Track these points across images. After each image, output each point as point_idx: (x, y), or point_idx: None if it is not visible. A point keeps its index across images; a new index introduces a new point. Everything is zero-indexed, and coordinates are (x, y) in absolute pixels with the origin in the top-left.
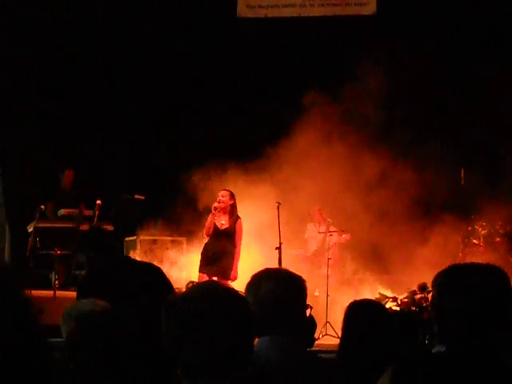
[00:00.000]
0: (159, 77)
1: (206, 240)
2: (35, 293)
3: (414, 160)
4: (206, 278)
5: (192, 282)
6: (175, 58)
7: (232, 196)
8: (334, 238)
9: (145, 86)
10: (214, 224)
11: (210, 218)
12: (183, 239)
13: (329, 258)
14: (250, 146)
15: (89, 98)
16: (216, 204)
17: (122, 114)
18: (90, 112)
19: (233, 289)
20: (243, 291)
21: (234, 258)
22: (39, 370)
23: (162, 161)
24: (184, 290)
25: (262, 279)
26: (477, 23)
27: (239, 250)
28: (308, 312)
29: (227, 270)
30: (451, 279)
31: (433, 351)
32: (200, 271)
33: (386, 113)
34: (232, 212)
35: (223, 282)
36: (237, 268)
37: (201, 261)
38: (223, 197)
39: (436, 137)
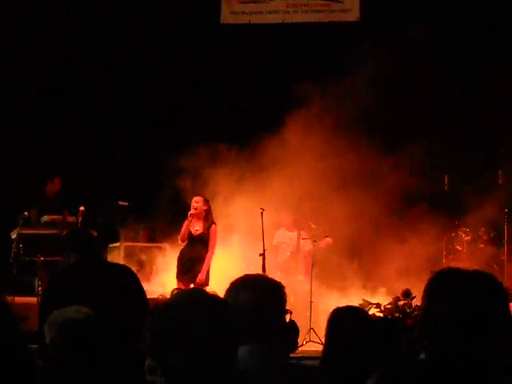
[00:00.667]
0: (150, 81)
1: (182, 246)
2: (19, 299)
3: (399, 163)
4: (182, 285)
5: (177, 288)
6: (161, 60)
7: (206, 202)
8: (308, 244)
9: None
10: (189, 230)
11: (185, 224)
12: (166, 245)
13: (312, 264)
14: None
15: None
16: (192, 211)
17: (110, 119)
18: (77, 118)
19: (217, 296)
20: None
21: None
22: (21, 375)
23: (148, 166)
24: (169, 296)
25: (240, 286)
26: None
27: (211, 254)
28: (288, 317)
29: None
30: (441, 285)
31: (419, 358)
32: (177, 278)
33: (372, 115)
34: (206, 218)
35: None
36: (205, 271)
37: (177, 268)
38: (197, 203)
39: (421, 139)
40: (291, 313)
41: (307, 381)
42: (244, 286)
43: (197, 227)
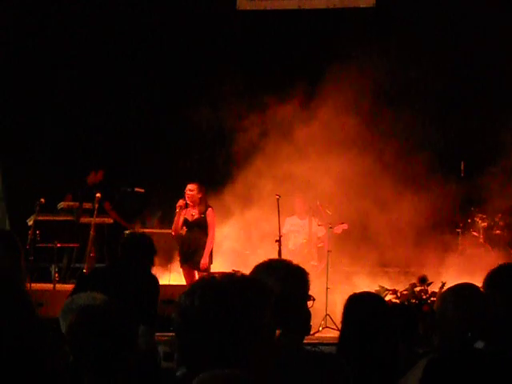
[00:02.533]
0: (159, 69)
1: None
2: (35, 286)
3: (414, 150)
4: (186, 272)
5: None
6: (177, 50)
7: (200, 188)
8: (322, 231)
9: (145, 80)
10: (185, 218)
11: (177, 214)
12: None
13: (329, 251)
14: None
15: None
16: (180, 201)
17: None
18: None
19: (237, 285)
20: None
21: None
22: (38, 362)
23: (162, 154)
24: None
25: (265, 272)
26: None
27: (211, 238)
28: (310, 304)
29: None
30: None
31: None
32: (181, 266)
33: (384, 100)
34: (201, 203)
35: (201, 274)
36: (207, 256)
37: (179, 255)
38: (191, 190)
39: (437, 126)
40: (314, 299)
41: (323, 369)
42: (270, 271)
43: (192, 213)
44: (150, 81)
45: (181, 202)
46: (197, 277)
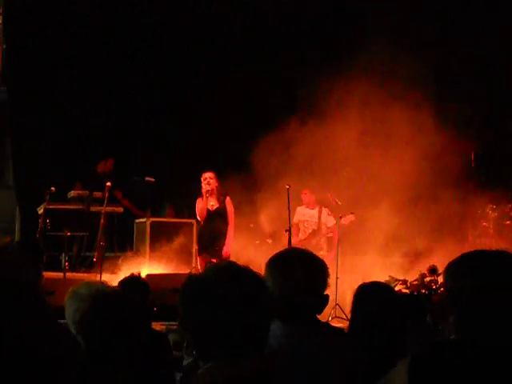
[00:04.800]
0: (170, 57)
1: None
2: (45, 274)
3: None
4: (205, 261)
5: (210, 262)
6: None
7: (217, 176)
8: (332, 221)
9: (158, 69)
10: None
11: (202, 201)
12: (193, 221)
13: (338, 240)
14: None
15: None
16: (207, 187)
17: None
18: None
19: (250, 269)
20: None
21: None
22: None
23: (174, 143)
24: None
25: (288, 262)
26: None
27: (232, 226)
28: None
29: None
30: (464, 263)
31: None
32: (199, 255)
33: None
34: (219, 191)
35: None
36: (230, 244)
37: (198, 244)
38: (211, 178)
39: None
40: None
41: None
42: (293, 261)
43: (212, 202)
44: (163, 70)
45: (207, 187)
46: None
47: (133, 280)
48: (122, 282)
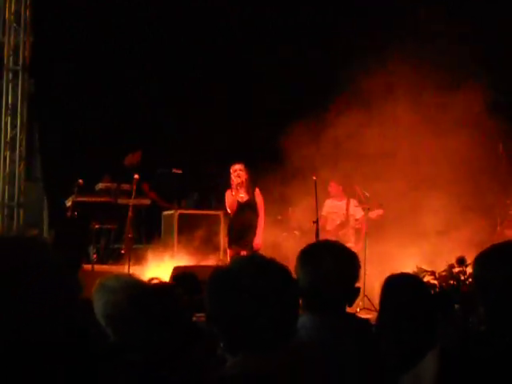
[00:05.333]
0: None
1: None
2: None
3: (455, 131)
4: (234, 253)
5: (237, 254)
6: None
7: (246, 168)
8: (360, 212)
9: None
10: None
11: (233, 194)
12: (220, 213)
13: (366, 232)
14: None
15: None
16: (238, 180)
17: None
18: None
19: (276, 261)
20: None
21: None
22: (79, 343)
23: (201, 134)
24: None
25: (322, 253)
26: None
27: (262, 218)
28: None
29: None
30: (495, 254)
31: (481, 330)
32: (229, 247)
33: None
34: (248, 184)
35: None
36: (261, 236)
37: (228, 236)
38: (241, 171)
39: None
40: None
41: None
42: (324, 253)
43: (241, 194)
44: (190, 65)
45: (238, 180)
46: None
47: (186, 276)
48: (174, 278)
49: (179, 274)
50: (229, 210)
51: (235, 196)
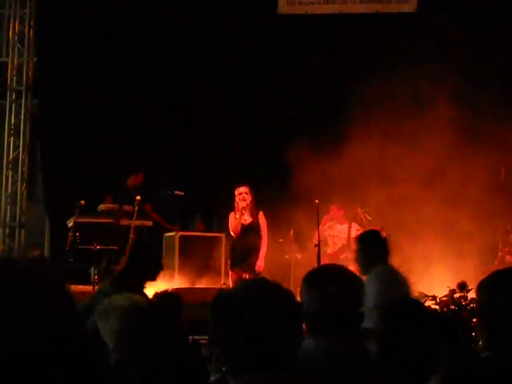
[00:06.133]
0: (203, 74)
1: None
2: (74, 287)
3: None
4: (236, 275)
5: (240, 278)
6: (218, 55)
7: (251, 191)
8: None
9: (189, 85)
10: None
11: (236, 216)
12: (222, 235)
13: None
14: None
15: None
16: (243, 203)
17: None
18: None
19: (280, 285)
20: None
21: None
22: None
23: (203, 158)
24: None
25: (328, 277)
26: None
27: (265, 241)
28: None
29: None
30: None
31: (483, 355)
32: (230, 269)
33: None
34: (253, 206)
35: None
36: (263, 259)
37: (230, 259)
38: (246, 194)
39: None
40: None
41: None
42: (329, 277)
43: (245, 217)
44: (193, 86)
45: (243, 203)
46: None
47: (166, 295)
48: (156, 296)
49: (162, 293)
50: (232, 233)
51: (239, 220)
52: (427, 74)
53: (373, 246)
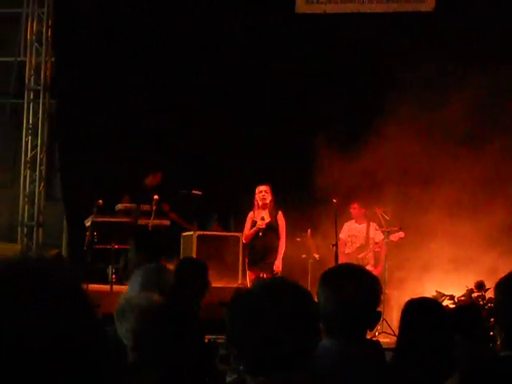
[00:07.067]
0: (220, 74)
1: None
2: (92, 287)
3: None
4: (254, 275)
5: (258, 277)
6: (235, 54)
7: (272, 190)
8: (380, 236)
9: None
10: (255, 221)
11: (251, 224)
12: (239, 234)
13: (386, 255)
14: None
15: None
16: (263, 201)
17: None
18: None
19: (298, 284)
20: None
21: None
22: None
23: (221, 156)
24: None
25: (345, 276)
26: None
27: (283, 241)
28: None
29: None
30: None
31: (501, 355)
32: (248, 269)
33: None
34: (272, 205)
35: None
36: (281, 259)
37: (248, 258)
38: (266, 192)
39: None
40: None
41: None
42: (346, 277)
43: (263, 216)
44: (214, 84)
45: (264, 201)
46: None
47: (193, 260)
48: (181, 261)
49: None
50: (244, 239)
51: (254, 229)
52: (448, 72)
53: None
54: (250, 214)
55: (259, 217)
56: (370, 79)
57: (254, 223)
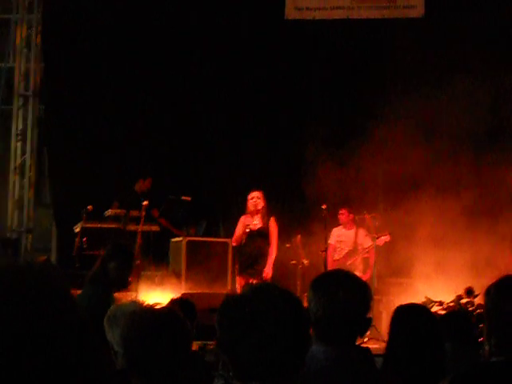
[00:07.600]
0: (210, 81)
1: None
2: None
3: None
4: (244, 281)
5: (248, 283)
6: (224, 61)
7: (264, 196)
8: (368, 242)
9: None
10: (247, 225)
11: (241, 229)
12: (228, 240)
13: (375, 261)
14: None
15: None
16: (255, 207)
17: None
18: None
19: (288, 290)
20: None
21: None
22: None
23: (210, 162)
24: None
25: (335, 282)
26: None
27: (274, 248)
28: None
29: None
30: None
31: (492, 360)
32: (238, 274)
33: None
34: (264, 211)
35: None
36: (271, 265)
37: (239, 263)
38: (259, 198)
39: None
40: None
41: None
42: (337, 283)
43: (255, 221)
44: (204, 91)
45: (255, 208)
46: None
47: (183, 302)
48: (172, 302)
49: (178, 299)
50: (233, 241)
51: (246, 227)
52: (437, 78)
53: None
54: (242, 218)
55: (251, 222)
56: (360, 85)
57: (245, 228)
